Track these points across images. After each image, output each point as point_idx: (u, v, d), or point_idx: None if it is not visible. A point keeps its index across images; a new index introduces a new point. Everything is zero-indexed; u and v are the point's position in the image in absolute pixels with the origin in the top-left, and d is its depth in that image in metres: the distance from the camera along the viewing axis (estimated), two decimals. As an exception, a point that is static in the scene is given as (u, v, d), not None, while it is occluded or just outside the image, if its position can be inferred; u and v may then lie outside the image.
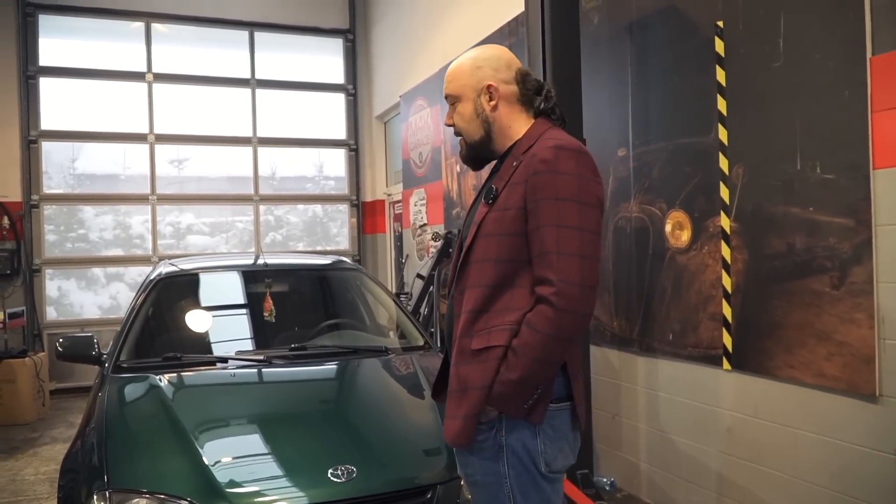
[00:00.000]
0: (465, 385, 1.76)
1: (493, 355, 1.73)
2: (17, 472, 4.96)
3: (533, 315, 1.69)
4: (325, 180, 9.19)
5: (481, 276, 1.78)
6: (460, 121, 1.92)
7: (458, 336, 1.80)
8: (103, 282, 8.14)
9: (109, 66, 8.02)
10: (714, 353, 3.43)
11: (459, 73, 1.92)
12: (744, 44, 3.23)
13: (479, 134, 1.90)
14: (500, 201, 1.78)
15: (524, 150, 1.81)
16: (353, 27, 9.00)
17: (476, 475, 1.82)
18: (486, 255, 1.78)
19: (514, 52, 5.26)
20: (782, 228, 3.05)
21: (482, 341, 1.75)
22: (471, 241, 1.81)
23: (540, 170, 1.71)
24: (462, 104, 1.90)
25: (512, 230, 1.75)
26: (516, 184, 1.76)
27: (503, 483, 1.78)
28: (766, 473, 3.20)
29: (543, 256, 1.70)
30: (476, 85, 1.88)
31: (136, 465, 2.41)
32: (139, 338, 3.45)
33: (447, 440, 1.82)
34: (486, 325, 1.76)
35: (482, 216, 1.81)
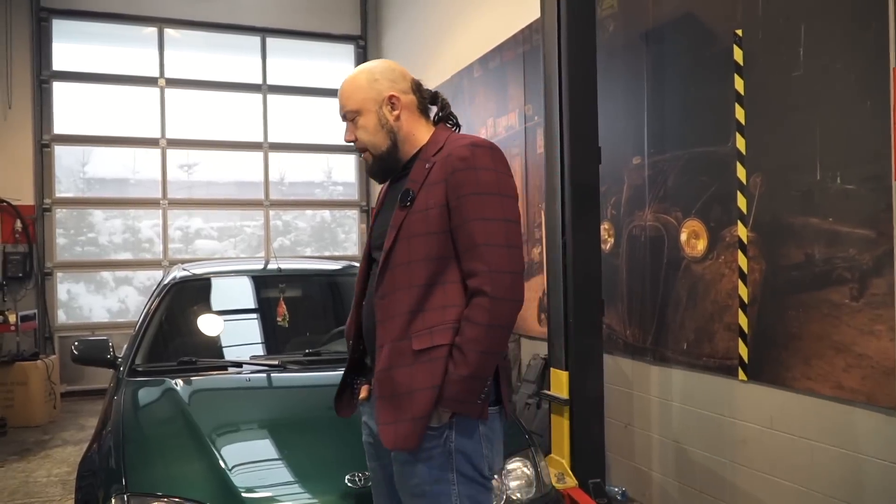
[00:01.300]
0: (409, 387, 1.74)
1: (438, 354, 1.73)
2: (30, 474, 4.98)
3: (470, 310, 1.73)
4: (333, 186, 9.21)
5: (410, 277, 1.78)
6: (364, 134, 1.92)
7: (390, 339, 1.78)
8: (112, 285, 8.17)
9: (122, 71, 8.09)
10: (729, 364, 3.42)
11: (356, 87, 1.93)
12: (763, 52, 3.22)
13: (386, 144, 1.92)
14: (418, 203, 1.81)
15: (433, 152, 1.86)
16: (365, 34, 9.03)
17: (424, 485, 1.78)
18: (412, 256, 1.79)
19: (529, 59, 5.32)
20: (801, 239, 3.03)
21: (424, 342, 1.75)
22: (391, 244, 1.81)
23: (459, 167, 1.77)
24: (364, 118, 1.91)
25: (436, 228, 1.78)
26: (434, 183, 1.79)
27: (451, 490, 1.77)
28: (781, 485, 3.17)
29: (472, 249, 1.74)
30: (376, 97, 1.91)
31: (153, 468, 2.40)
32: (154, 342, 3.45)
33: (390, 446, 1.77)
34: (424, 325, 1.76)
35: (400, 220, 1.82)
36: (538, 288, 5.12)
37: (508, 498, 2.48)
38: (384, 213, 1.97)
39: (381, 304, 1.82)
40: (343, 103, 1.94)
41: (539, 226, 5.11)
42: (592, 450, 3.56)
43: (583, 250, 3.55)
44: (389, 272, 1.81)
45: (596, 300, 3.60)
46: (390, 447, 1.78)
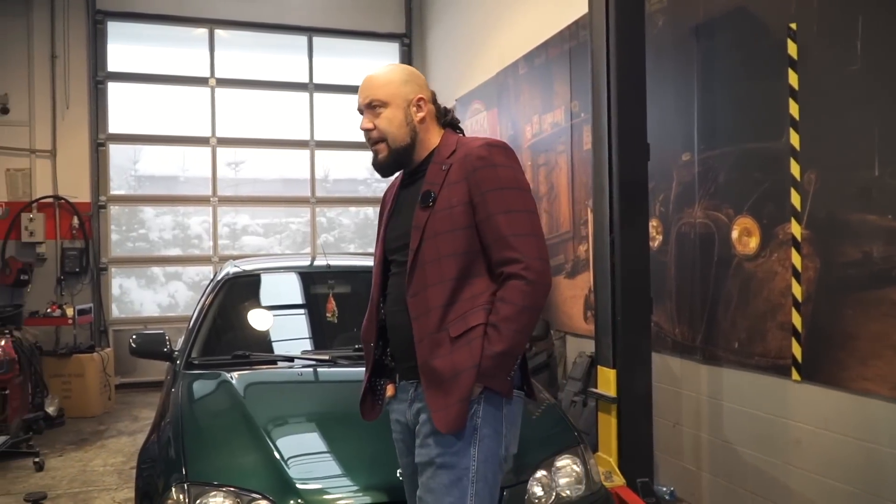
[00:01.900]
0: (453, 371, 1.82)
1: (475, 335, 1.82)
2: (87, 463, 5.15)
3: (505, 291, 1.82)
4: (376, 183, 9.28)
5: (441, 272, 1.86)
6: (388, 126, 1.98)
7: (427, 332, 1.85)
8: (162, 280, 8.38)
9: (174, 72, 8.28)
10: (782, 363, 3.36)
11: (389, 81, 2.00)
12: (818, 46, 3.16)
13: (406, 141, 1.99)
14: (440, 202, 1.89)
15: (447, 155, 1.95)
16: (410, 31, 9.08)
17: (445, 456, 1.84)
18: (441, 252, 1.87)
19: (575, 55, 5.29)
20: (858, 236, 2.97)
21: (460, 327, 1.84)
22: (417, 243, 1.89)
23: (479, 165, 1.87)
24: (390, 110, 1.98)
25: (461, 224, 1.87)
26: (455, 183, 1.89)
27: (470, 465, 1.84)
28: (836, 488, 3.11)
29: (501, 240, 1.84)
30: (406, 95, 1.99)
31: (212, 459, 2.47)
32: (208, 336, 3.54)
33: (443, 429, 1.83)
34: (459, 313, 1.85)
35: (424, 219, 1.90)
36: (584, 285, 5.10)
37: (558, 495, 2.48)
38: (398, 217, 2.05)
39: (413, 301, 1.89)
40: (371, 93, 2.00)
41: (585, 223, 5.08)
42: (640, 448, 3.54)
43: (631, 248, 3.53)
44: (419, 270, 1.88)
45: (644, 298, 3.57)
46: (445, 431, 1.83)
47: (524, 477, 2.46)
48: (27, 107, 7.54)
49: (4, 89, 7.36)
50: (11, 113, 7.42)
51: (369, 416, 2.15)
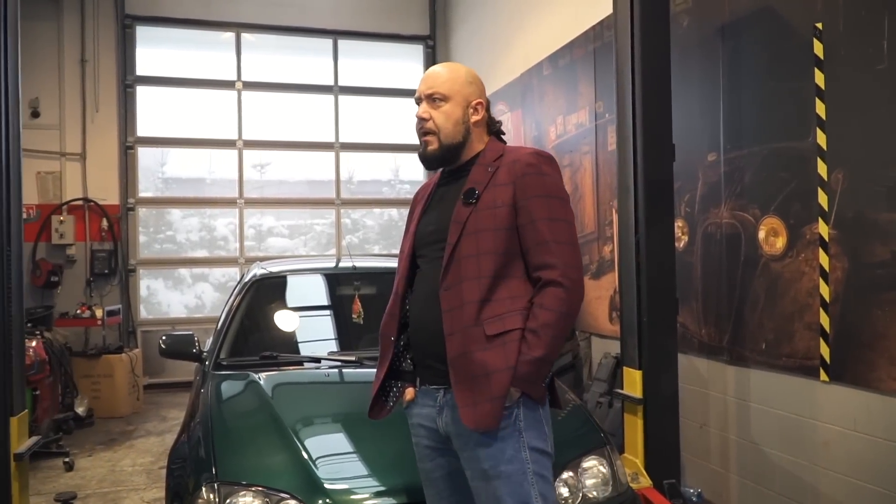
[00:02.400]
0: (485, 370, 1.84)
1: (511, 338, 1.85)
2: (116, 463, 5.24)
3: (544, 297, 1.86)
4: (400, 184, 9.33)
5: (479, 268, 1.89)
6: (445, 120, 2.01)
7: (461, 326, 1.87)
8: (189, 282, 8.48)
9: (201, 75, 8.39)
10: (810, 364, 3.33)
11: (455, 77, 2.04)
12: (844, 46, 3.13)
13: (458, 139, 2.03)
14: (484, 201, 1.93)
15: (493, 159, 2.00)
16: (434, 33, 9.12)
17: (500, 465, 1.86)
18: (479, 249, 1.90)
19: (600, 55, 5.28)
20: (886, 236, 2.94)
21: (496, 327, 1.86)
22: (456, 238, 1.92)
23: (527, 171, 1.93)
24: (450, 105, 2.02)
25: (504, 225, 1.91)
26: (501, 185, 1.94)
27: (526, 468, 1.87)
28: (866, 489, 3.08)
29: (542, 245, 1.89)
30: (469, 96, 2.04)
31: (241, 458, 2.51)
32: (236, 337, 3.59)
33: (471, 426, 1.84)
34: (494, 313, 1.87)
35: (465, 216, 1.93)
36: (609, 286, 5.08)
37: (584, 496, 2.48)
38: (433, 212, 2.08)
39: (446, 294, 1.91)
40: (435, 84, 2.03)
41: (610, 224, 5.07)
42: (667, 450, 3.53)
43: (656, 248, 3.51)
44: (455, 264, 1.91)
45: (670, 298, 3.56)
46: (472, 427, 1.85)
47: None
48: (57, 110, 7.69)
49: (35, 93, 7.49)
50: (42, 117, 7.57)
51: (379, 415, 2.15)
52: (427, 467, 2.08)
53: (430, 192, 2.14)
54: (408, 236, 2.13)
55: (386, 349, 2.10)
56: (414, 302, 2.04)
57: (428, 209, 2.11)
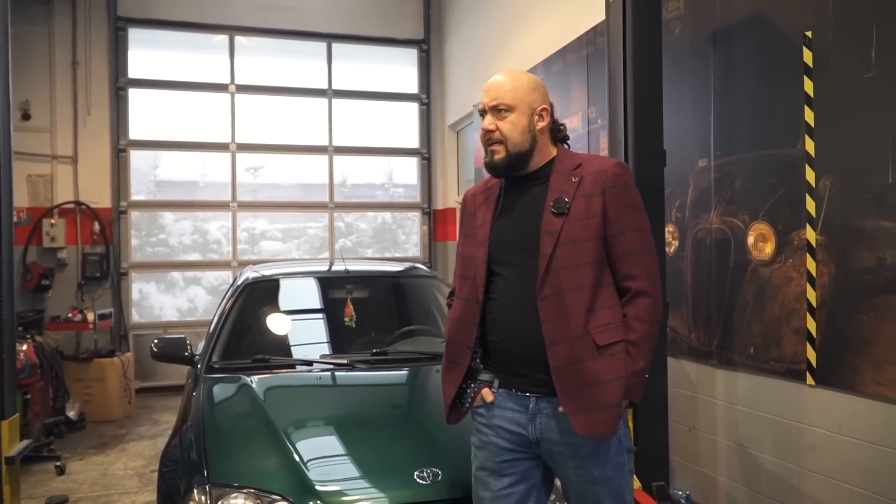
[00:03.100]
0: (598, 379, 1.91)
1: (618, 349, 1.93)
2: (108, 467, 5.23)
3: (637, 309, 1.95)
4: (394, 188, 9.36)
5: (579, 278, 1.94)
6: (511, 130, 2.04)
7: (566, 337, 1.91)
8: (181, 285, 8.47)
9: (194, 78, 8.38)
10: (797, 368, 3.37)
11: (518, 86, 2.06)
12: (833, 54, 3.17)
13: (525, 147, 2.05)
14: (576, 211, 1.97)
15: (572, 167, 2.04)
16: (428, 38, 9.15)
17: (607, 472, 1.97)
18: (577, 259, 1.95)
19: (592, 61, 5.28)
20: (872, 242, 2.97)
21: (606, 338, 1.93)
22: (552, 249, 1.95)
23: (616, 183, 1.97)
24: (515, 115, 2.04)
25: (597, 235, 1.96)
26: (591, 195, 1.97)
27: (625, 470, 2.01)
28: (852, 492, 3.11)
29: (632, 255, 1.97)
30: (533, 102, 2.06)
31: (233, 461, 2.53)
32: (229, 340, 3.61)
33: (585, 433, 1.90)
34: (600, 323, 1.94)
35: (559, 226, 1.96)
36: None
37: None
38: (508, 219, 2.09)
39: (544, 304, 1.95)
40: (499, 95, 2.06)
41: (601, 228, 5.09)
42: (656, 452, 3.55)
43: (646, 253, 3.54)
44: (552, 274, 1.95)
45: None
46: (585, 434, 1.90)
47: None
48: (48, 113, 7.66)
49: (26, 96, 7.47)
50: (33, 119, 7.54)
51: (458, 419, 2.18)
52: (497, 467, 2.08)
53: (497, 198, 2.14)
54: (479, 243, 2.11)
55: (461, 356, 2.11)
56: (500, 310, 2.06)
57: (499, 216, 2.11)
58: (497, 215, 2.11)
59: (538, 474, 2.08)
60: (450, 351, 2.14)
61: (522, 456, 2.05)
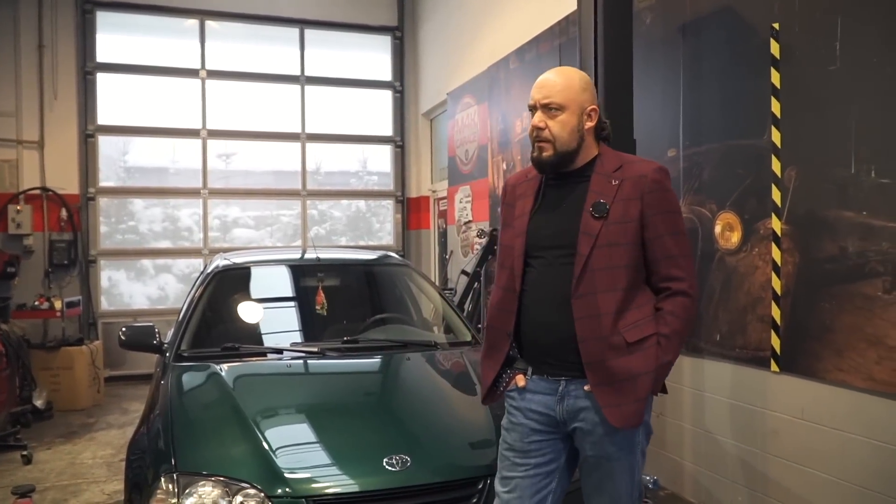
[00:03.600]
0: (629, 374, 1.98)
1: (649, 343, 2.00)
2: (76, 456, 5.17)
3: (673, 306, 2.02)
4: (368, 175, 9.32)
5: (614, 280, 2.01)
6: (561, 130, 2.07)
7: (597, 335, 1.99)
8: (152, 273, 8.37)
9: (164, 63, 8.25)
10: (762, 355, 3.43)
11: (570, 86, 2.09)
12: (800, 46, 3.22)
13: (572, 146, 2.09)
14: (615, 215, 2.02)
15: (613, 169, 2.08)
16: (402, 24, 9.10)
17: (620, 450, 2.05)
18: (613, 262, 2.01)
19: (565, 51, 5.30)
20: (835, 232, 3.04)
21: (635, 334, 2.00)
22: (589, 250, 2.01)
23: (654, 188, 2.03)
24: (565, 115, 2.07)
25: (634, 240, 2.03)
26: (630, 199, 2.03)
27: (636, 452, 2.10)
28: (813, 475, 3.19)
29: (670, 259, 2.05)
30: (584, 103, 2.09)
31: (201, 449, 2.52)
32: (198, 328, 3.58)
33: (619, 424, 1.98)
34: (629, 322, 2.01)
35: (597, 229, 2.02)
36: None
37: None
38: (547, 215, 2.14)
39: (578, 302, 2.01)
40: (551, 94, 2.08)
41: (572, 217, 5.12)
42: (624, 439, 3.60)
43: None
44: (588, 274, 2.01)
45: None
46: (619, 426, 1.99)
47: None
48: (13, 97, 7.48)
49: (-10, 79, 7.31)
50: (-3, 104, 7.38)
51: (493, 401, 2.25)
52: (525, 447, 2.14)
53: (538, 191, 2.18)
54: (517, 234, 2.16)
55: (501, 342, 2.17)
56: (534, 303, 2.11)
57: (539, 209, 2.15)
58: (536, 209, 2.16)
59: (563, 457, 2.16)
60: (490, 336, 2.21)
61: (550, 437, 2.13)
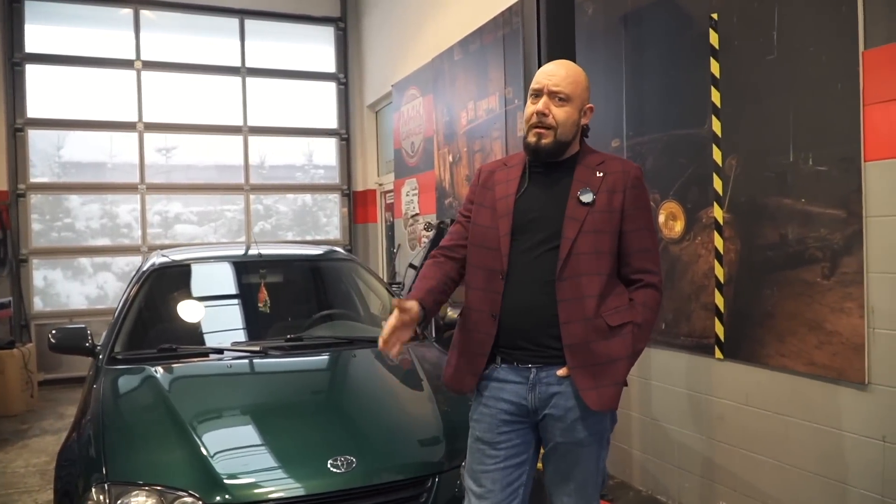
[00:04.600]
0: (609, 357, 2.03)
1: (627, 330, 2.06)
2: (8, 465, 4.94)
3: (645, 297, 2.11)
4: (314, 169, 9.17)
5: (598, 265, 2.06)
6: (565, 120, 2.10)
7: (581, 317, 2.02)
8: (90, 272, 8.07)
9: (97, 54, 7.93)
10: (706, 343, 3.47)
11: (578, 80, 2.14)
12: (738, 36, 3.25)
13: (568, 137, 2.13)
14: (600, 203, 2.08)
15: (596, 163, 2.15)
16: (345, 15, 8.96)
17: (590, 436, 2.07)
18: (598, 247, 2.07)
19: (509, 42, 5.27)
20: (775, 219, 3.08)
21: (617, 319, 2.06)
22: (575, 234, 2.05)
23: (636, 185, 2.13)
24: (570, 106, 2.11)
25: (615, 229, 2.10)
26: (615, 192, 2.10)
27: (603, 440, 2.12)
28: (757, 460, 3.24)
29: (645, 251, 2.13)
30: (585, 100, 2.17)
31: (134, 457, 2.41)
32: (133, 329, 3.44)
33: (596, 407, 2.01)
34: (611, 306, 2.06)
35: (583, 214, 2.07)
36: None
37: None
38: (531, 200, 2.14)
39: (562, 285, 2.04)
40: (561, 83, 2.11)
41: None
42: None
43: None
44: (573, 258, 2.04)
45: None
46: (596, 408, 2.02)
47: (456, 462, 2.49)
48: (-65, 90, 7.13)
49: None
50: (-82, 96, 7.01)
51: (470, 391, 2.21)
52: (495, 438, 2.12)
53: (521, 177, 2.19)
54: (501, 215, 2.14)
55: (488, 324, 2.12)
56: (515, 286, 2.10)
57: (524, 194, 2.16)
58: (521, 193, 2.17)
59: (531, 448, 2.16)
60: (473, 319, 2.16)
61: (520, 426, 2.13)
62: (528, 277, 2.09)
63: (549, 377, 2.07)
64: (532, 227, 2.11)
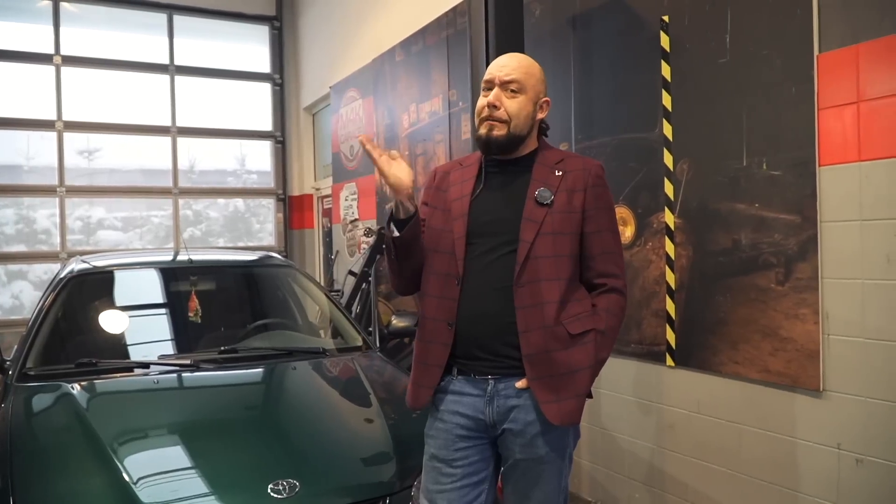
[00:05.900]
0: (569, 368, 1.90)
1: (588, 338, 1.94)
2: None
3: (609, 303, 1.99)
4: (247, 174, 8.87)
5: (558, 270, 1.94)
6: (518, 112, 1.99)
7: (540, 325, 1.91)
8: (4, 280, 7.60)
9: (13, 47, 7.46)
10: (658, 350, 3.41)
11: (531, 72, 2.03)
12: (689, 39, 3.21)
13: (523, 131, 2.02)
14: (559, 204, 1.97)
15: (555, 161, 2.04)
16: (281, 14, 8.69)
17: (552, 453, 1.95)
18: (558, 250, 1.95)
19: (453, 43, 5.14)
20: (727, 225, 3.04)
21: (578, 327, 1.93)
22: (533, 237, 1.94)
23: (597, 183, 2.03)
24: (524, 98, 2.00)
25: (576, 230, 1.99)
26: (575, 191, 1.99)
27: (566, 456, 1.99)
28: (709, 469, 3.19)
29: (609, 255, 2.02)
30: (540, 93, 2.05)
31: (46, 485, 2.15)
32: (48, 342, 3.15)
33: (556, 421, 1.88)
34: (571, 313, 1.94)
35: (541, 216, 1.95)
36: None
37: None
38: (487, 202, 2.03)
39: (521, 291, 1.92)
40: (514, 73, 1.99)
41: (463, 214, 5.00)
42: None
43: (511, 238, 3.46)
44: (531, 262, 1.93)
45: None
46: (557, 422, 1.90)
47: (408, 482, 2.33)
48: None
49: None
50: None
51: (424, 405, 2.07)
52: (451, 455, 2.00)
53: (476, 177, 2.07)
54: (456, 217, 2.02)
55: (442, 334, 1.99)
56: (471, 292, 1.98)
57: (479, 195, 2.05)
58: (477, 194, 2.06)
59: (491, 465, 2.04)
60: (430, 329, 2.03)
61: (478, 442, 2.00)
62: (485, 283, 1.97)
63: (508, 389, 1.95)
64: (488, 229, 2.00)
